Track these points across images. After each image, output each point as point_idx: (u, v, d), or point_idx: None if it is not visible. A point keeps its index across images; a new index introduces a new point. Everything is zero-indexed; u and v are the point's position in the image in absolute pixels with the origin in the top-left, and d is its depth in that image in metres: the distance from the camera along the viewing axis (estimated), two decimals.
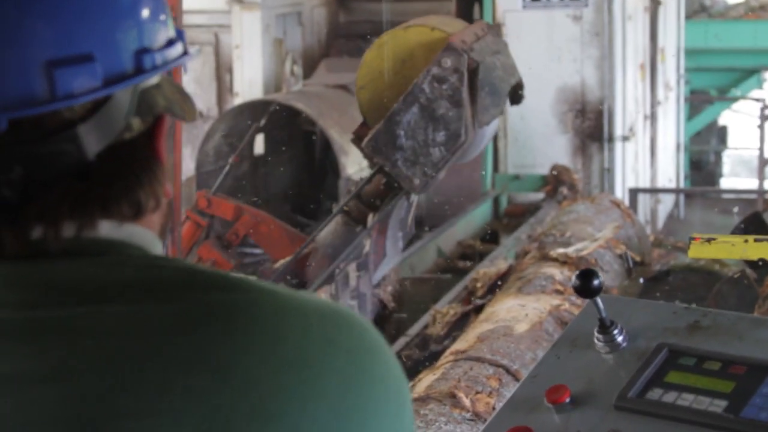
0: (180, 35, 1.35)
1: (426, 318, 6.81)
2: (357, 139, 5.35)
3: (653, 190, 11.80)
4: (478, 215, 10.18)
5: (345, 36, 12.33)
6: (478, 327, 5.19)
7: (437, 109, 5.15)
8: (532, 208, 10.20)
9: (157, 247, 1.30)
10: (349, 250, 5.55)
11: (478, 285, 6.99)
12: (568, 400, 2.00)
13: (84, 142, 1.21)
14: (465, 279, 7.69)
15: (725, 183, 17.16)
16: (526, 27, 10.64)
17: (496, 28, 5.75)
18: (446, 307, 6.54)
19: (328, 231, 5.65)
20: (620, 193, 10.50)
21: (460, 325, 6.21)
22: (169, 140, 1.33)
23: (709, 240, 3.48)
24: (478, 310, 6.02)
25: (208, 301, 1.19)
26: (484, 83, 5.19)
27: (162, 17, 1.31)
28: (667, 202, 12.86)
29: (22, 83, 1.19)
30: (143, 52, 1.26)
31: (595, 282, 2.02)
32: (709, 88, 15.52)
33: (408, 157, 5.23)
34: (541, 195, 10.39)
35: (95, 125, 1.22)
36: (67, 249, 1.22)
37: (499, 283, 6.63)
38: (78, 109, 1.22)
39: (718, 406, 1.88)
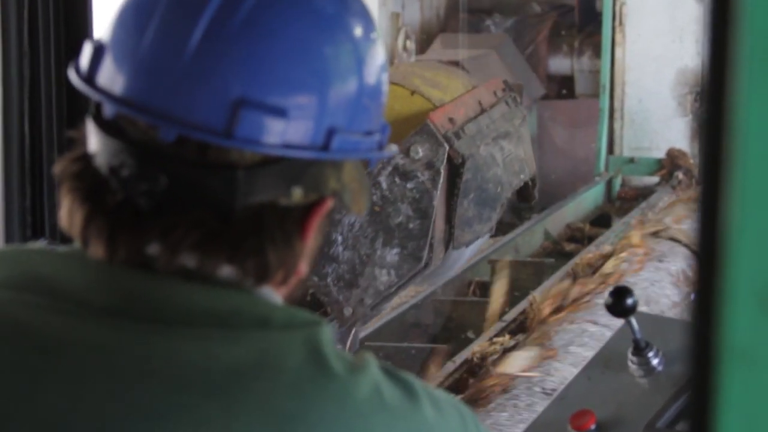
0: (383, 130, 1.29)
1: (524, 304, 6.66)
2: None
3: None
4: (590, 198, 9.95)
5: (465, 11, 12.16)
6: None
7: (394, 216, 3.56)
8: (646, 192, 9.94)
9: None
10: None
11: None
12: (593, 427, 1.87)
13: (238, 189, 1.17)
14: (569, 264, 7.52)
15: None
16: (648, 5, 10.37)
17: (516, 89, 4.28)
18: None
19: None
20: None
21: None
22: (324, 225, 1.27)
23: None
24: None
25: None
26: (471, 187, 3.69)
27: (373, 108, 1.26)
28: None
29: (207, 107, 1.17)
30: (337, 131, 1.21)
31: (629, 301, 1.89)
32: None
33: (342, 275, 3.60)
34: (655, 179, 10.12)
35: (256, 178, 1.18)
36: (175, 274, 1.19)
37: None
38: (247, 156, 1.18)
39: None
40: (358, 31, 1.25)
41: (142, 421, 1.13)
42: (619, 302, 1.87)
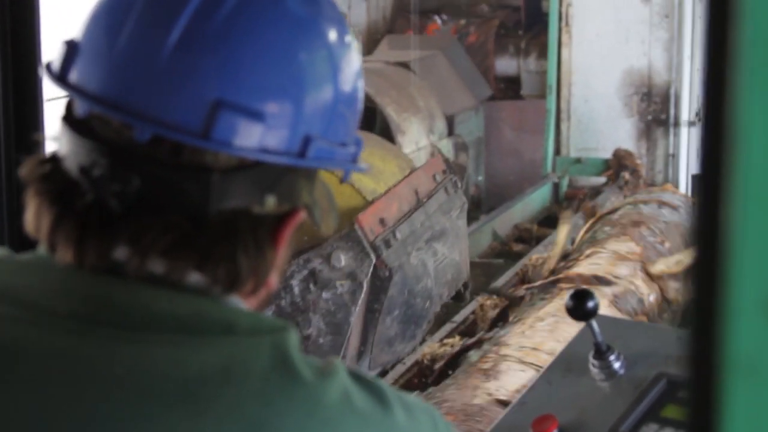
0: (358, 144, 1.27)
1: (473, 305, 6.66)
2: None
3: None
4: (537, 198, 9.99)
5: (411, 12, 12.14)
6: None
7: (303, 326, 3.19)
8: (593, 193, 9.98)
9: None
10: None
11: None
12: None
13: (211, 193, 1.14)
14: (517, 265, 7.53)
15: None
16: (594, 6, 10.41)
17: (457, 170, 3.84)
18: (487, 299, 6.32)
19: None
20: (684, 178, 10.25)
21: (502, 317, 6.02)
22: (293, 240, 1.25)
23: None
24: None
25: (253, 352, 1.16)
26: (396, 303, 3.30)
27: (348, 115, 1.24)
28: None
29: (184, 108, 1.14)
30: (314, 139, 1.19)
31: (590, 304, 1.87)
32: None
33: None
34: (602, 179, 10.16)
35: (230, 183, 1.15)
36: (144, 279, 1.16)
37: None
38: (222, 159, 1.16)
39: None
40: (332, 36, 1.23)
41: (104, 431, 1.10)
42: (580, 305, 1.85)
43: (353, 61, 1.26)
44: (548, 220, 9.81)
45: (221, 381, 1.12)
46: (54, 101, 1.47)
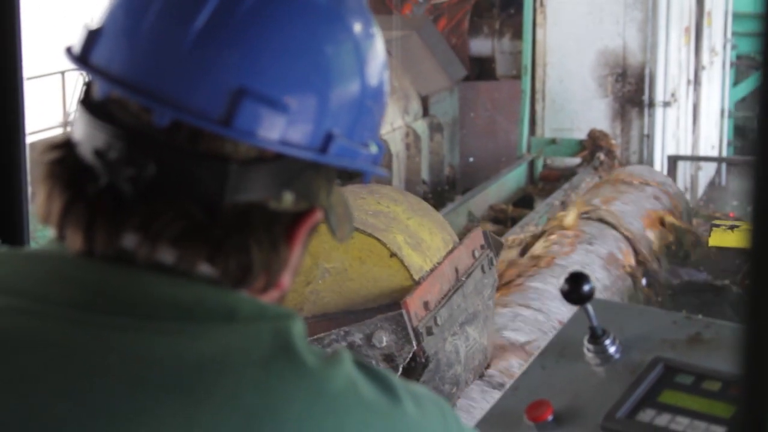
0: (380, 147, 1.22)
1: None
2: None
3: (692, 158, 11.52)
4: (512, 179, 9.97)
5: None
6: None
7: None
8: (568, 173, 9.97)
9: None
10: None
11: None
12: (550, 418, 1.81)
13: (228, 183, 1.12)
14: None
15: None
16: None
17: (494, 245, 3.89)
18: None
19: None
20: (659, 159, 10.25)
21: None
22: (308, 241, 1.20)
23: (731, 227, 3.25)
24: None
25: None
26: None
27: (375, 111, 1.20)
28: (708, 169, 12.59)
29: (206, 94, 1.12)
30: (337, 136, 1.16)
31: (586, 287, 1.83)
32: (756, 54, 15.15)
33: None
34: (577, 160, 10.15)
35: (248, 175, 1.12)
36: (152, 268, 1.12)
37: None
38: (242, 149, 1.13)
39: None
40: (358, 28, 1.19)
41: (98, 421, 1.06)
42: (576, 289, 1.82)
43: (379, 53, 1.22)
44: (523, 201, 9.80)
45: (219, 370, 1.08)
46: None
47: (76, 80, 11.12)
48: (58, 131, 10.70)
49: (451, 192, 10.76)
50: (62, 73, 10.05)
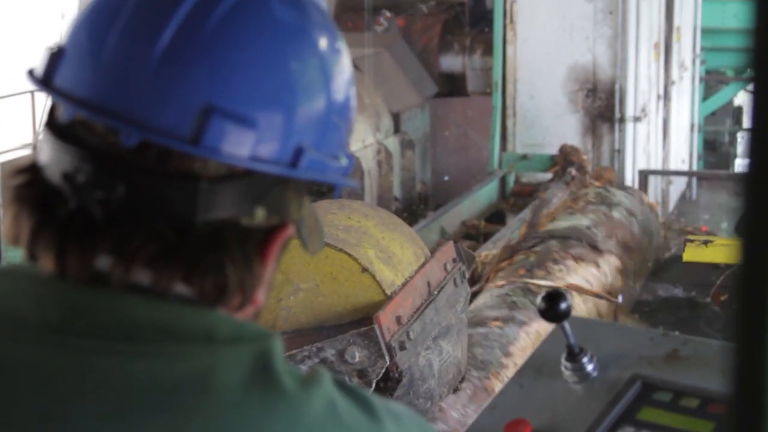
0: (349, 159, 1.22)
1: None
2: None
3: (663, 173, 11.57)
4: (484, 195, 9.98)
5: (353, 9, 12.09)
6: None
7: None
8: (540, 189, 9.98)
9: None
10: None
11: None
12: None
13: (198, 202, 1.11)
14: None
15: (740, 163, 16.92)
16: (538, 3, 10.41)
17: (466, 258, 3.91)
18: None
19: None
20: (630, 174, 10.28)
21: None
22: (281, 257, 1.19)
23: (705, 242, 3.26)
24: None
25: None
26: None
27: (341, 126, 1.20)
28: (679, 183, 12.64)
29: (174, 113, 1.11)
30: (306, 149, 1.15)
31: (563, 305, 1.83)
32: (725, 68, 15.25)
33: None
34: (549, 175, 10.17)
35: (219, 192, 1.11)
36: (128, 290, 1.10)
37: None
38: (211, 167, 1.12)
39: None
40: (323, 44, 1.19)
41: None
42: (553, 307, 1.81)
43: (345, 69, 1.21)
44: (495, 217, 9.81)
45: (198, 392, 1.07)
46: None
47: (46, 100, 11.08)
48: (28, 151, 10.64)
49: (423, 208, 10.76)
50: (32, 92, 10.02)
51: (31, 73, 1.19)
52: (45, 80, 1.17)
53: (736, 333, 0.59)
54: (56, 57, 1.17)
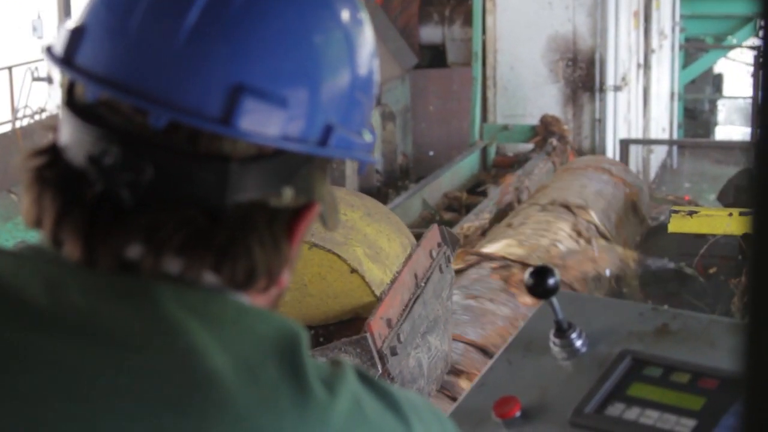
0: (372, 134, 1.19)
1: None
2: None
3: (644, 142, 11.56)
4: (466, 166, 9.96)
5: None
6: None
7: None
8: (521, 159, 9.97)
9: None
10: None
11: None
12: (518, 414, 1.79)
13: (229, 184, 1.08)
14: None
15: (720, 131, 16.95)
16: None
17: (451, 240, 3.80)
18: None
19: None
20: (611, 143, 10.28)
21: None
22: (306, 236, 1.17)
23: (690, 213, 3.26)
24: None
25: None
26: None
27: (365, 101, 1.17)
28: (659, 152, 12.65)
29: (203, 92, 1.08)
30: (336, 129, 1.12)
31: (551, 281, 1.81)
32: (705, 36, 15.24)
33: None
34: (530, 146, 10.16)
35: (249, 173, 1.08)
36: (159, 279, 1.07)
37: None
38: (241, 147, 1.09)
39: (686, 426, 1.67)
40: (346, 15, 1.15)
41: None
42: (541, 283, 1.79)
43: (368, 41, 1.18)
44: (477, 188, 9.80)
45: (230, 388, 1.04)
46: None
47: (24, 76, 10.98)
48: (6, 127, 10.56)
49: (404, 180, 10.74)
50: (9, 68, 9.93)
51: (49, 51, 1.14)
52: (66, 59, 1.12)
53: (747, 306, 0.57)
54: (77, 35, 1.12)
